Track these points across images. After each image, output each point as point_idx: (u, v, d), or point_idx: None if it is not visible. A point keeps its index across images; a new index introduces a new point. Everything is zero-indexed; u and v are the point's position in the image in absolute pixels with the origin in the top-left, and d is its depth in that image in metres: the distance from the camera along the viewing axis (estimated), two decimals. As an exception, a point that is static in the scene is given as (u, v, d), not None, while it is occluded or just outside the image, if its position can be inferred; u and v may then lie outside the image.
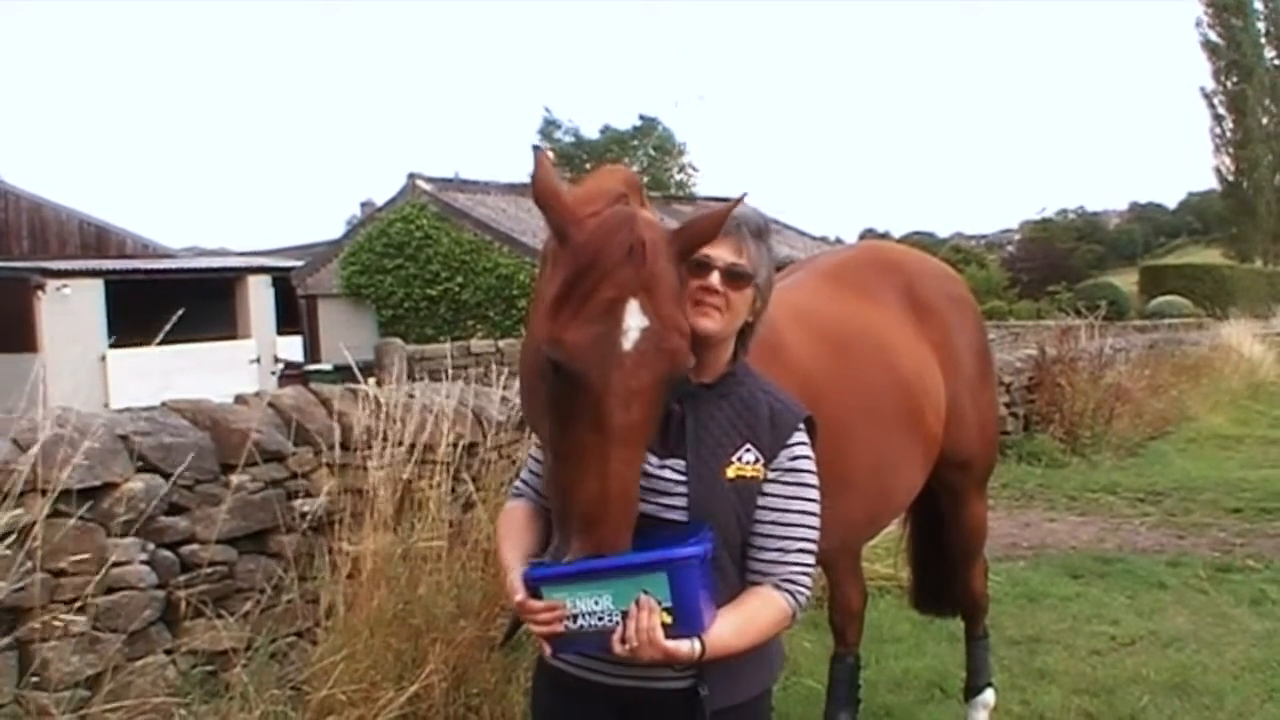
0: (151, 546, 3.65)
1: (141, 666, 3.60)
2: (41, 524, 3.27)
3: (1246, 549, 7.56)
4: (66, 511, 3.35)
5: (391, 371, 10.31)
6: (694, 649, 2.01)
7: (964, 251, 54.48)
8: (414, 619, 3.93)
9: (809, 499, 2.23)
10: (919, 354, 3.68)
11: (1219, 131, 50.54)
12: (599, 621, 2.00)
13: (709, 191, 34.05)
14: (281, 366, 19.63)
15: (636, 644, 1.97)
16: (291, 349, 22.20)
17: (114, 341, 18.73)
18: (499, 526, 2.42)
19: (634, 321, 1.99)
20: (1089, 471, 10.91)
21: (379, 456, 4.19)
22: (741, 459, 2.19)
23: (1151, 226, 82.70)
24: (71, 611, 3.37)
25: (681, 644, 2.00)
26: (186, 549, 3.76)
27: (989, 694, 4.40)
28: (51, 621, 3.31)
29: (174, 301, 6.45)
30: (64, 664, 3.37)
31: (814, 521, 2.23)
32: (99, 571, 3.41)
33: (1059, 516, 8.94)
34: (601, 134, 43.61)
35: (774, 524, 2.19)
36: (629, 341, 1.98)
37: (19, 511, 3.21)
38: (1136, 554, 7.50)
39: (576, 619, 2.01)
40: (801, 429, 2.26)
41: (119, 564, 3.52)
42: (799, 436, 2.25)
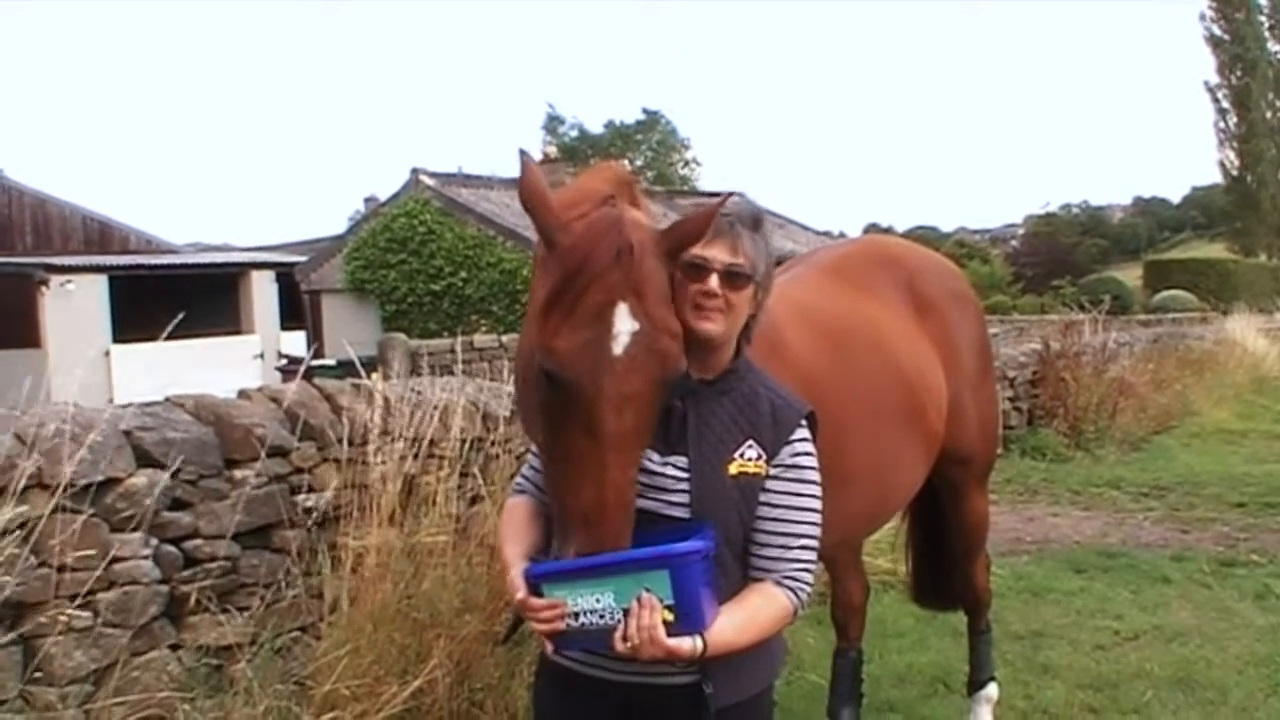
0: (155, 542, 3.65)
1: (146, 661, 3.61)
2: (45, 519, 3.28)
3: (1250, 544, 7.55)
4: (70, 507, 3.36)
5: (395, 367, 10.34)
6: (696, 647, 2.01)
7: (968, 246, 54.43)
8: (418, 614, 3.93)
9: (811, 495, 2.23)
10: (920, 350, 3.67)
11: (1223, 126, 50.46)
12: (600, 619, 2.00)
13: (712, 186, 34.03)
14: (285, 362, 19.65)
15: (638, 642, 1.96)
16: (295, 344, 22.22)
17: (118, 337, 18.77)
18: (501, 523, 2.42)
19: (624, 325, 1.99)
20: (1093, 466, 10.90)
21: (382, 451, 4.20)
22: (744, 455, 2.18)
23: (1155, 221, 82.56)
24: (76, 607, 3.37)
25: (683, 642, 1.99)
26: (190, 544, 3.76)
27: (992, 688, 4.40)
28: (56, 617, 3.32)
29: (178, 297, 6.48)
30: (68, 659, 3.38)
31: (816, 518, 2.23)
32: (103, 567, 3.41)
33: (1063, 511, 8.94)
34: (605, 128, 43.62)
35: (776, 520, 2.19)
36: (619, 346, 1.98)
37: (24, 508, 3.21)
38: (1140, 549, 7.49)
39: (578, 616, 2.01)
40: (803, 425, 2.26)
41: (123, 559, 3.53)
42: (801, 433, 2.25)
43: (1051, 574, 6.77)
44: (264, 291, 23.01)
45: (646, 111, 44.36)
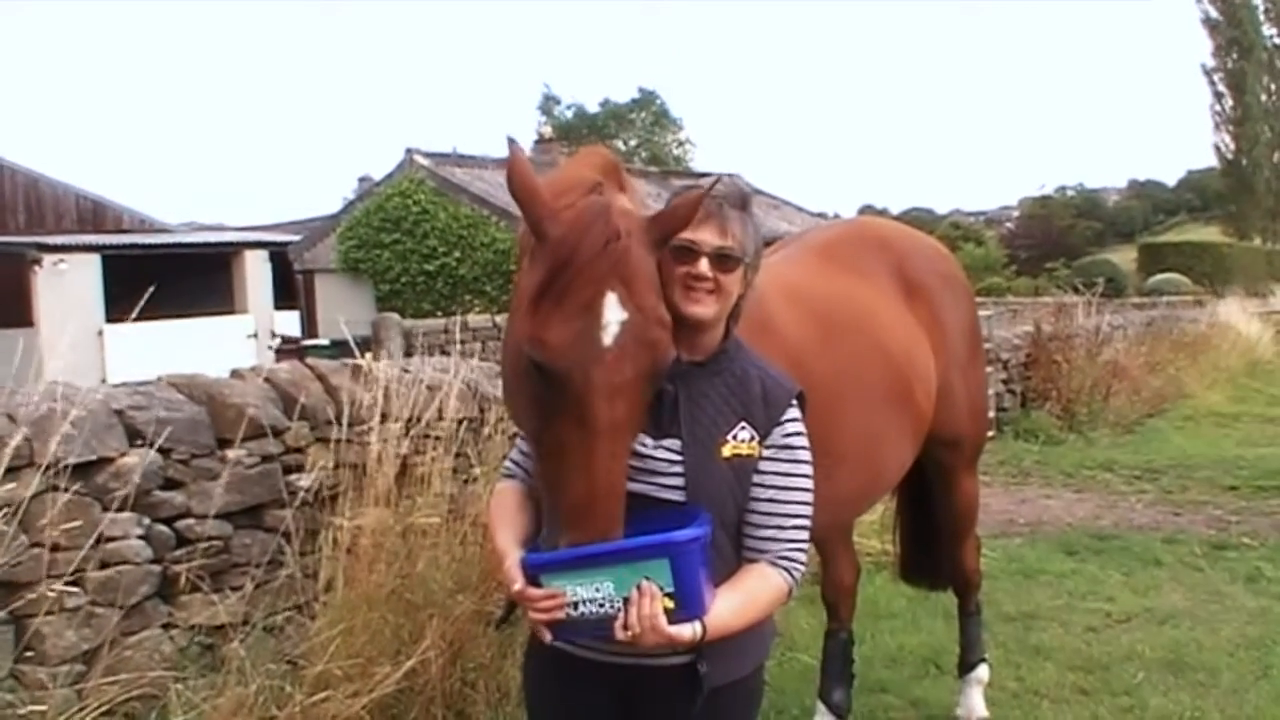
0: (147, 521, 3.65)
1: (138, 641, 3.61)
2: (36, 498, 3.27)
3: (1242, 527, 7.58)
4: (62, 486, 3.35)
5: (388, 346, 10.32)
6: (696, 633, 2.01)
7: (962, 228, 54.39)
8: (411, 594, 3.93)
9: (803, 475, 2.23)
10: (909, 332, 3.67)
11: (1218, 109, 50.39)
12: (600, 608, 1.99)
13: (706, 166, 34.00)
14: (278, 341, 19.61)
15: (639, 630, 1.96)
16: (288, 324, 22.15)
17: (111, 316, 18.70)
18: (491, 508, 2.40)
19: (613, 315, 1.97)
20: (1086, 448, 10.93)
21: (376, 432, 4.19)
22: (737, 437, 2.18)
23: (1150, 204, 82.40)
24: (67, 585, 3.37)
25: (684, 629, 1.99)
26: (182, 523, 3.76)
27: (983, 669, 4.41)
28: (47, 595, 3.31)
29: (171, 276, 6.45)
30: (60, 638, 3.38)
31: (809, 498, 2.23)
32: (95, 546, 3.41)
33: (1055, 493, 8.97)
34: (601, 107, 43.51)
35: (770, 501, 2.19)
36: (609, 336, 1.96)
37: (13, 486, 3.20)
38: (1132, 531, 7.52)
39: (577, 606, 2.00)
40: (794, 405, 2.26)
41: (115, 538, 3.53)
42: (792, 413, 2.24)
43: (1044, 556, 6.79)
44: (257, 271, 22.91)
45: (642, 91, 44.26)
